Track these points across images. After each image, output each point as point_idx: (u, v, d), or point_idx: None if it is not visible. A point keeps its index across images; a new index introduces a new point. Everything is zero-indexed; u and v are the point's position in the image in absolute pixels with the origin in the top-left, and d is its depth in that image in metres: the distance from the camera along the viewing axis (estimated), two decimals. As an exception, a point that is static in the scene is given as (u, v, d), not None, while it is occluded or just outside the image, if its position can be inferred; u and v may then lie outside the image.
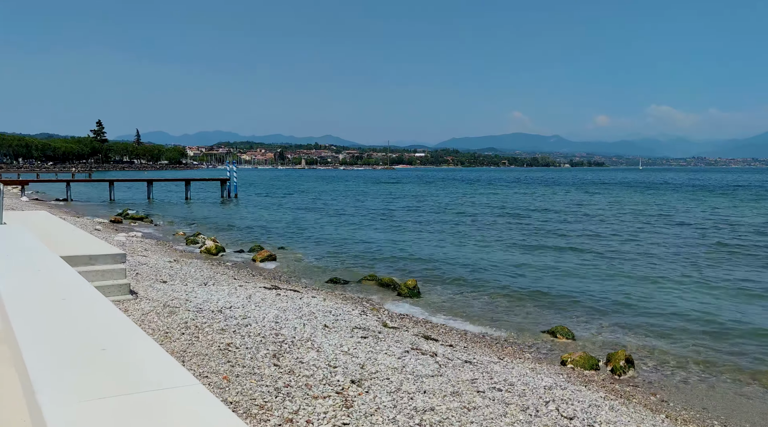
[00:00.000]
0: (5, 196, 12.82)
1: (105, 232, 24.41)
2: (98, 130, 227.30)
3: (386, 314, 11.31)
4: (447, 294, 14.08)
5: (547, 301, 13.37)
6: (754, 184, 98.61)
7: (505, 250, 21.36)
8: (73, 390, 2.33)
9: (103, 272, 10.44)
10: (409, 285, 14.13)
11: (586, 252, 20.89)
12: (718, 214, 37.66)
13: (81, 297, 4.36)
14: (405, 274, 16.79)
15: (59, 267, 5.79)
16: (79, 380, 2.45)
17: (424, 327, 10.46)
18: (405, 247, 22.40)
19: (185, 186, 54.01)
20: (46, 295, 4.42)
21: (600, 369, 8.57)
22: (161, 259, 16.79)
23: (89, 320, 3.75)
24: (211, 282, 13.41)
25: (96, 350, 2.94)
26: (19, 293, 4.48)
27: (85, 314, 3.86)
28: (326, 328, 8.87)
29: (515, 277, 16.24)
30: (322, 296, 12.64)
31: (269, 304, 10.39)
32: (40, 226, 14.36)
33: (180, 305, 9.85)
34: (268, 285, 13.53)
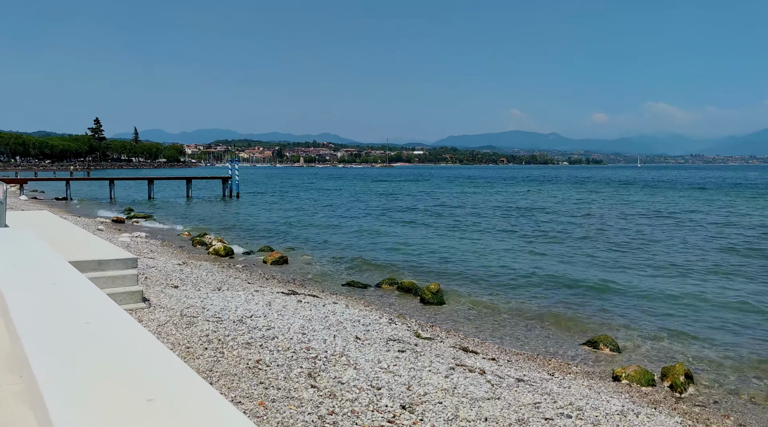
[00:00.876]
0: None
1: (108, 232, 23.70)
2: (96, 128, 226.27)
3: (415, 323, 10.63)
4: (472, 299, 13.40)
5: (578, 305, 12.70)
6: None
7: (524, 251, 20.66)
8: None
9: (114, 279, 9.76)
10: (432, 290, 13.44)
11: (613, 254, 20.19)
12: (752, 215, 36.98)
13: (110, 323, 3.68)
14: (422, 276, 16.12)
15: (77, 280, 5.10)
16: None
17: (457, 337, 9.78)
18: (417, 247, 21.72)
19: (186, 184, 53.25)
20: (69, 319, 3.74)
21: (656, 384, 7.90)
22: (169, 261, 16.10)
23: (124, 354, 3.07)
24: (224, 287, 12.73)
25: (141, 400, 2.25)
26: (35, 316, 3.79)
27: (118, 347, 3.18)
28: (358, 340, 8.19)
29: (540, 280, 15.56)
30: (344, 302, 11.96)
31: (292, 312, 9.70)
32: (43, 227, 13.65)
33: (197, 314, 9.16)
34: (285, 290, 12.85)
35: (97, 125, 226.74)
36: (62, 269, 5.88)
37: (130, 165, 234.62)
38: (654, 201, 49.01)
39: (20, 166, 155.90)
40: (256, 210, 40.84)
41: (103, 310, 4.02)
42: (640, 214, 36.32)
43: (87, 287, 4.91)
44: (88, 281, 5.17)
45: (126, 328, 3.48)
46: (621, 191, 65.95)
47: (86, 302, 4.30)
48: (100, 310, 4.00)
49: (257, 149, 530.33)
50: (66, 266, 5.96)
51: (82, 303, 4.29)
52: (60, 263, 6.13)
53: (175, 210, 40.49)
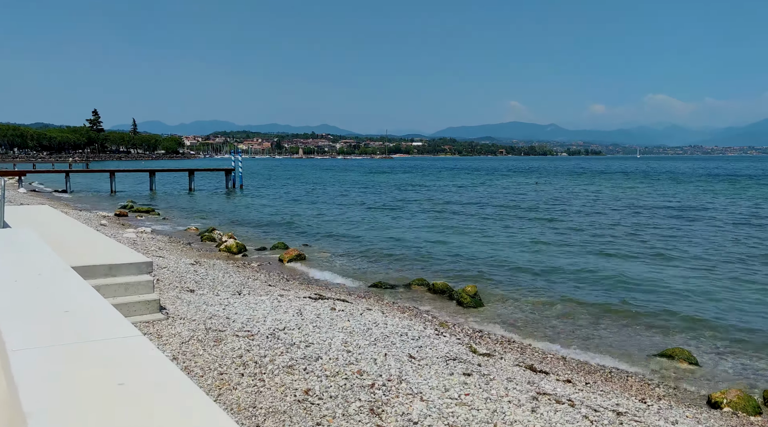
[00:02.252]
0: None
1: (111, 227, 22.58)
2: (94, 119, 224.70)
3: (463, 332, 9.53)
4: (512, 302, 12.31)
5: (631, 307, 11.61)
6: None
7: (554, 247, 19.55)
8: None
9: (127, 286, 8.65)
10: (469, 292, 12.35)
11: (657, 251, 19.04)
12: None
13: (141, 379, 2.57)
14: (447, 273, 15.04)
15: (96, 308, 3.98)
16: None
17: (517, 352, 8.68)
18: (436, 242, 20.61)
19: (189, 177, 52.05)
20: (92, 378, 2.65)
21: (763, 412, 6.82)
22: (180, 260, 14.99)
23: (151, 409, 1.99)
24: (245, 290, 11.63)
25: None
26: (45, 372, 2.70)
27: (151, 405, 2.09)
28: (413, 360, 7.09)
29: (580, 279, 14.46)
30: (378, 308, 10.86)
31: (328, 323, 8.60)
32: (45, 225, 12.52)
33: (224, 326, 8.06)
34: (312, 294, 11.74)
35: (95, 117, 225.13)
36: (74, 286, 4.76)
37: (129, 157, 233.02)
38: (682, 192, 47.80)
39: (18, 158, 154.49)
40: (262, 202, 39.70)
41: (138, 358, 2.91)
42: (672, 207, 35.20)
43: (108, 317, 3.80)
44: (107, 308, 4.06)
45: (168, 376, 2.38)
46: (637, 182, 64.78)
47: (110, 346, 3.20)
48: (130, 356, 2.90)
49: (256, 141, 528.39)
50: (80, 285, 4.84)
51: (106, 347, 3.20)
52: (73, 281, 5.01)
53: (179, 203, 39.34)
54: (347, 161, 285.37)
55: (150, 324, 8.07)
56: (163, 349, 6.89)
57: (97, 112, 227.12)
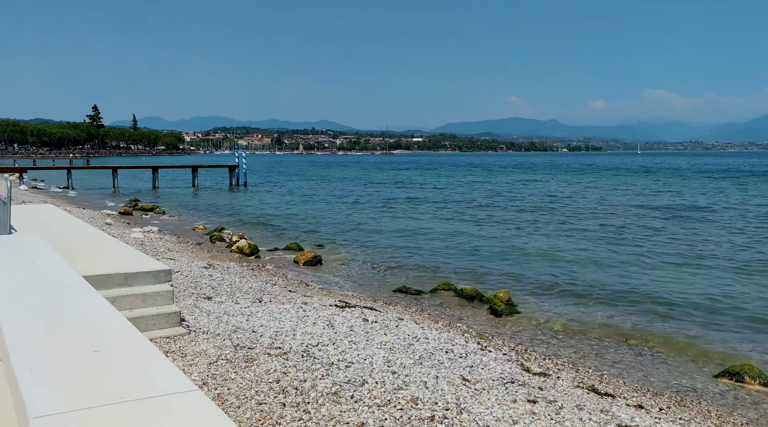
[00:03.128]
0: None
1: (117, 226, 21.85)
2: (94, 115, 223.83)
3: (507, 347, 8.80)
4: (547, 310, 11.58)
5: (677, 320, 10.88)
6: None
7: (580, 250, 18.79)
8: None
9: (144, 297, 7.90)
10: (502, 299, 11.63)
11: (700, 256, 18.32)
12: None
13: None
14: (473, 278, 14.32)
15: (130, 341, 3.25)
16: None
17: (571, 369, 7.95)
18: (454, 244, 19.87)
19: (192, 173, 51.28)
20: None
21: None
22: (193, 263, 14.26)
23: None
24: (265, 297, 10.90)
25: None
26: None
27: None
28: (467, 383, 6.36)
29: (615, 285, 13.71)
30: (410, 317, 10.13)
31: (364, 338, 7.87)
32: (51, 227, 11.79)
33: (252, 342, 7.33)
34: (336, 301, 11.01)
35: (95, 113, 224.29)
36: (96, 310, 4.04)
37: (129, 152, 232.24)
38: (712, 191, 47.02)
39: (18, 154, 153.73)
40: (268, 200, 38.96)
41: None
42: (700, 207, 34.47)
43: (149, 358, 3.08)
44: (144, 345, 3.33)
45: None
46: (650, 180, 64.01)
47: (162, 407, 2.50)
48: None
49: (256, 137, 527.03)
50: (102, 308, 4.11)
51: (158, 407, 2.50)
52: (93, 302, 4.28)
53: (183, 201, 38.61)
54: (348, 157, 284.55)
55: (171, 340, 7.34)
56: (190, 372, 6.16)
57: (97, 108, 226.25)
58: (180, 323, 7.95)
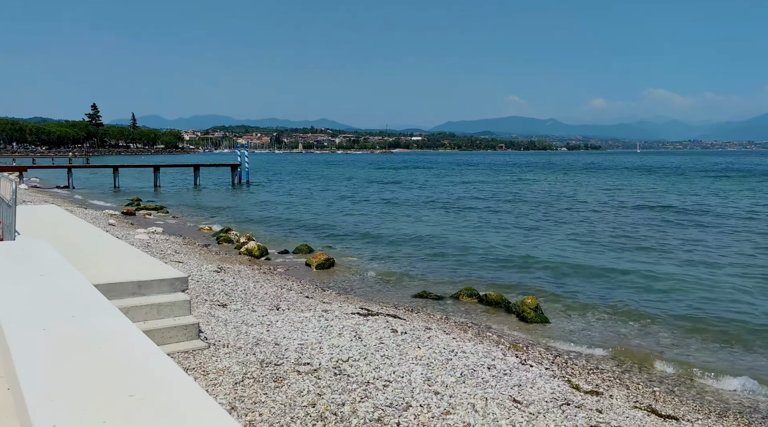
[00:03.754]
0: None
1: (121, 227, 21.26)
2: (93, 113, 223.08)
3: (547, 360, 8.22)
4: (578, 316, 11.02)
5: (723, 322, 10.32)
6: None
7: (598, 247, 18.23)
8: None
9: (160, 308, 7.32)
10: (530, 305, 11.06)
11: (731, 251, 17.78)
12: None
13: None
14: (493, 282, 13.75)
15: (181, 387, 2.68)
16: None
17: (621, 386, 7.37)
18: (467, 245, 19.29)
19: (194, 172, 50.67)
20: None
21: None
22: (202, 266, 13.67)
23: None
24: (282, 304, 10.32)
25: None
26: None
27: None
28: (518, 405, 5.79)
29: (642, 286, 13.15)
30: (438, 326, 9.55)
31: (396, 351, 7.30)
32: (55, 229, 11.21)
33: (278, 357, 6.76)
34: (358, 308, 10.44)
35: (94, 111, 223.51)
36: (122, 334, 3.46)
37: (128, 151, 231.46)
38: (730, 192, 46.48)
39: (17, 153, 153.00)
40: (271, 199, 38.37)
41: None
42: (722, 206, 33.91)
43: (200, 405, 2.50)
44: (189, 385, 2.75)
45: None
46: (658, 178, 63.45)
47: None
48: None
49: (255, 135, 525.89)
50: (127, 332, 3.53)
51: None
52: (119, 325, 3.70)
53: (185, 200, 38.01)
54: (348, 156, 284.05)
55: (190, 355, 6.77)
56: (215, 393, 5.59)
57: (96, 107, 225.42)
58: (198, 335, 7.37)
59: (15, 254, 6.01)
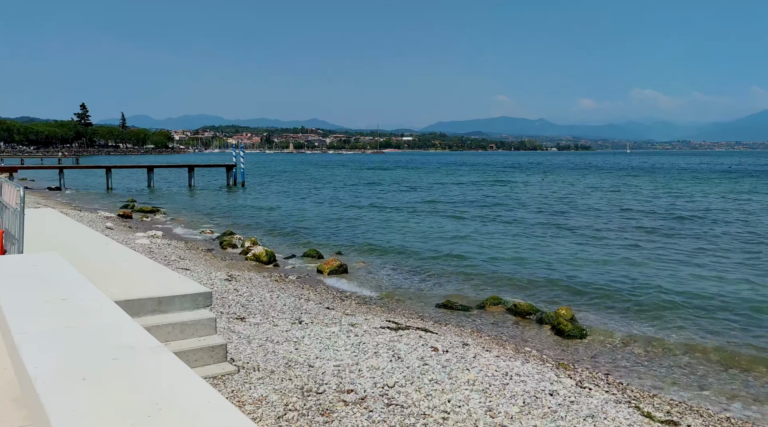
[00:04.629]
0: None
1: (119, 231, 20.48)
2: (82, 113, 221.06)
3: (603, 381, 7.59)
4: (616, 329, 10.40)
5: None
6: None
7: (623, 255, 17.63)
8: None
9: (183, 327, 6.63)
10: (565, 316, 10.43)
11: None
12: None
13: None
14: (516, 289, 13.14)
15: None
16: None
17: (696, 414, 6.72)
18: (484, 248, 18.67)
19: (188, 173, 49.80)
20: None
21: None
22: (212, 274, 12.95)
23: None
24: (305, 317, 9.63)
25: None
26: None
27: None
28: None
29: (679, 288, 12.55)
30: (473, 341, 8.90)
31: (444, 374, 6.64)
32: (56, 236, 10.47)
33: (317, 382, 6.09)
34: (385, 321, 9.77)
35: (83, 111, 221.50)
36: (171, 374, 2.81)
37: (118, 151, 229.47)
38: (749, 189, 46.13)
39: (5, 153, 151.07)
40: (268, 201, 37.59)
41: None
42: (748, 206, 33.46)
43: None
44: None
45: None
46: (665, 178, 63.13)
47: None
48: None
49: (245, 135, 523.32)
50: (182, 373, 2.86)
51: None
52: (170, 367, 3.03)
53: (181, 202, 37.17)
54: (340, 156, 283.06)
55: (220, 381, 6.09)
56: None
57: (85, 106, 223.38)
58: (226, 357, 6.68)
59: (28, 271, 5.31)
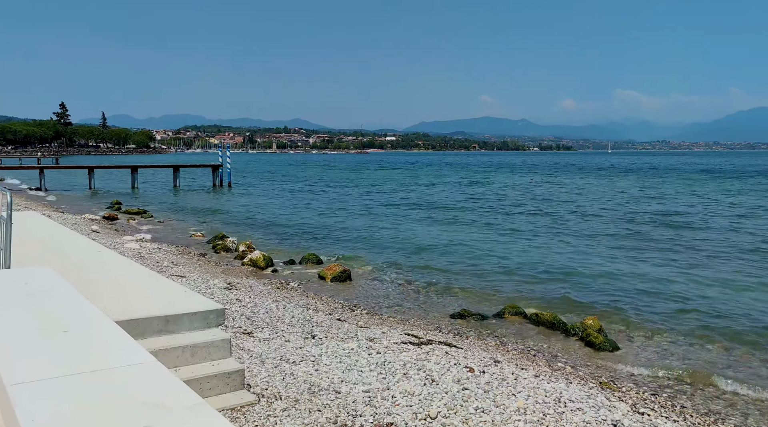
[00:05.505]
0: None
1: (106, 234, 19.53)
2: (62, 112, 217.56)
3: (658, 404, 6.91)
4: (648, 338, 9.76)
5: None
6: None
7: (650, 256, 17.04)
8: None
9: (193, 349, 5.82)
10: (593, 328, 9.78)
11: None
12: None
13: None
14: (532, 296, 12.47)
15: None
16: None
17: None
18: (488, 252, 17.99)
19: (173, 173, 48.66)
20: None
21: None
22: (209, 282, 12.12)
23: None
24: (317, 330, 8.85)
25: None
26: None
27: None
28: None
29: (714, 299, 11.94)
30: (504, 358, 8.19)
31: (491, 402, 5.91)
32: (43, 243, 9.60)
33: (350, 415, 5.34)
34: (406, 336, 9.01)
35: (63, 110, 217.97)
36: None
37: (98, 151, 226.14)
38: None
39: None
40: (256, 202, 36.65)
41: None
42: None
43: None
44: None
45: None
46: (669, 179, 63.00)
47: None
48: None
49: (228, 135, 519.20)
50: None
51: None
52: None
53: (167, 203, 36.11)
54: (324, 156, 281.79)
55: (240, 413, 5.31)
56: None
57: (64, 105, 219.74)
58: (243, 383, 5.90)
59: (19, 292, 4.49)
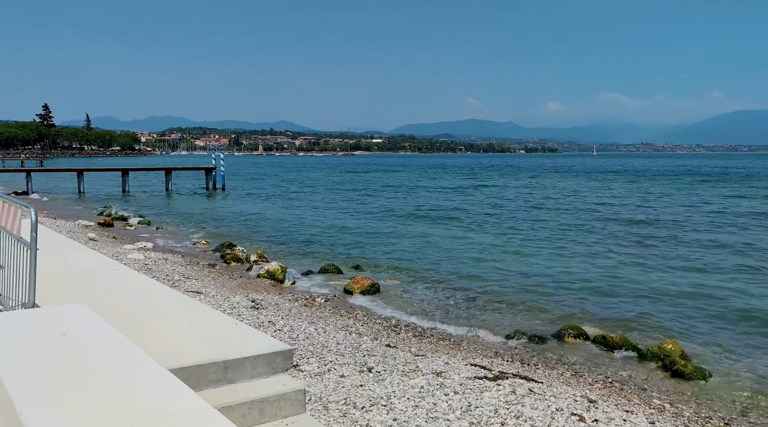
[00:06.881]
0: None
1: (105, 243, 18.19)
2: (45, 114, 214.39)
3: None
4: (737, 362, 8.70)
5: None
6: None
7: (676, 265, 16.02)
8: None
9: (262, 405, 4.58)
10: (675, 352, 8.70)
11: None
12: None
13: None
14: (586, 313, 11.41)
15: None
16: None
17: None
18: (503, 259, 16.95)
19: (165, 176, 47.17)
20: None
21: None
22: (231, 299, 10.90)
23: None
24: (371, 361, 7.67)
25: None
26: None
27: None
28: None
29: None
30: (600, 397, 7.07)
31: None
32: (50, 258, 8.35)
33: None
34: (474, 367, 7.85)
35: (46, 111, 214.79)
36: None
37: (82, 153, 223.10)
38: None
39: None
40: (253, 207, 35.30)
41: None
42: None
43: None
44: None
45: None
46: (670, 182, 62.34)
47: None
48: None
49: (213, 137, 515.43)
50: None
51: None
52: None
53: (161, 207, 34.68)
54: (312, 158, 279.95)
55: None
56: None
57: (47, 107, 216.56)
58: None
59: (51, 341, 3.29)
